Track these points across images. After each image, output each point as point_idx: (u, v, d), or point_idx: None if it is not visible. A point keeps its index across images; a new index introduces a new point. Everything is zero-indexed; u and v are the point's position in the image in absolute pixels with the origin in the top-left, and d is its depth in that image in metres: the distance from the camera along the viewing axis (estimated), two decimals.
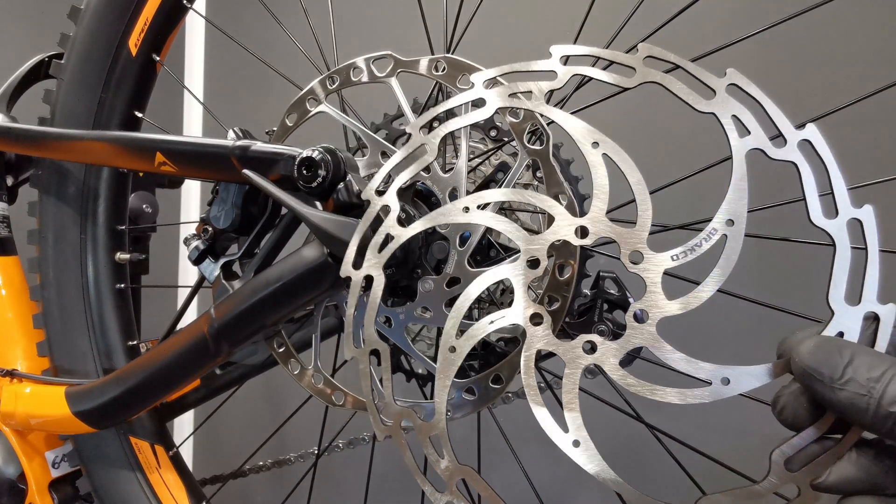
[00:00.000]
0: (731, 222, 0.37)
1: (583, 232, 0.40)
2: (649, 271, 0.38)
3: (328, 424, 0.75)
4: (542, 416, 0.40)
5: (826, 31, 1.04)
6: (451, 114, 0.46)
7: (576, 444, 0.39)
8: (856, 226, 0.35)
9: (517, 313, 0.41)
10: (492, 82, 0.44)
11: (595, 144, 0.40)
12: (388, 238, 0.44)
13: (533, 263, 0.41)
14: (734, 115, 0.38)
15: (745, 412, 1.08)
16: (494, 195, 0.43)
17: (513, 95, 0.43)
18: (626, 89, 0.41)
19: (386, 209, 0.45)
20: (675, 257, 0.37)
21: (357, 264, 0.45)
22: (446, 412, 0.49)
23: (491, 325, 0.41)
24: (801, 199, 0.36)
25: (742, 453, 1.09)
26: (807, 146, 0.36)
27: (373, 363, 0.45)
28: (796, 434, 0.35)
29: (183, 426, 1.87)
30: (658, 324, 0.38)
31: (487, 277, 0.42)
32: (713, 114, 0.38)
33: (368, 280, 0.44)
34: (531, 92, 0.42)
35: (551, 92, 0.42)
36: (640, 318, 0.38)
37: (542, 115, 0.43)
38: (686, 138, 1.05)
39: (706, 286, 0.37)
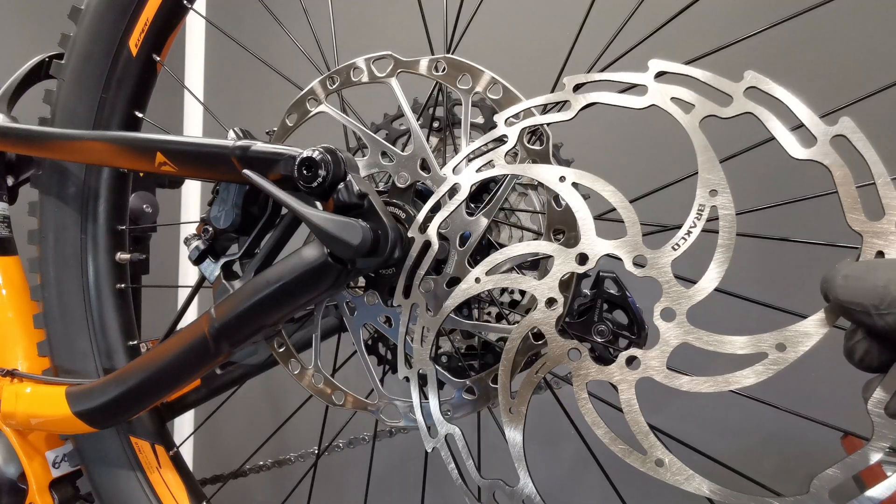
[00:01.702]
0: (714, 192, 0.37)
1: (582, 259, 0.42)
2: (658, 269, 0.38)
3: (328, 424, 0.75)
4: (619, 446, 0.39)
5: (824, 31, 1.04)
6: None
7: (659, 463, 0.38)
8: (842, 143, 0.34)
9: (556, 354, 0.42)
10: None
11: (561, 179, 0.42)
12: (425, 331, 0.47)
13: (550, 303, 0.43)
14: (672, 97, 0.39)
15: (745, 412, 1.08)
16: (497, 258, 0.45)
17: (480, 170, 0.46)
18: (569, 120, 0.43)
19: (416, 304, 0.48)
20: (675, 246, 0.38)
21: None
22: (446, 412, 0.49)
23: (537, 374, 0.43)
24: (799, 199, 0.36)
25: (742, 453, 1.09)
26: (755, 93, 0.36)
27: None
28: (883, 376, 0.31)
29: (183, 426, 1.87)
30: (688, 314, 0.37)
31: (519, 331, 0.44)
32: (653, 105, 0.39)
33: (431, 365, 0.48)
34: (492, 161, 0.46)
35: (518, 149, 0.46)
36: (669, 315, 0.38)
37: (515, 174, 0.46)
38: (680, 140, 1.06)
39: (715, 264, 0.36)
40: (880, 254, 0.32)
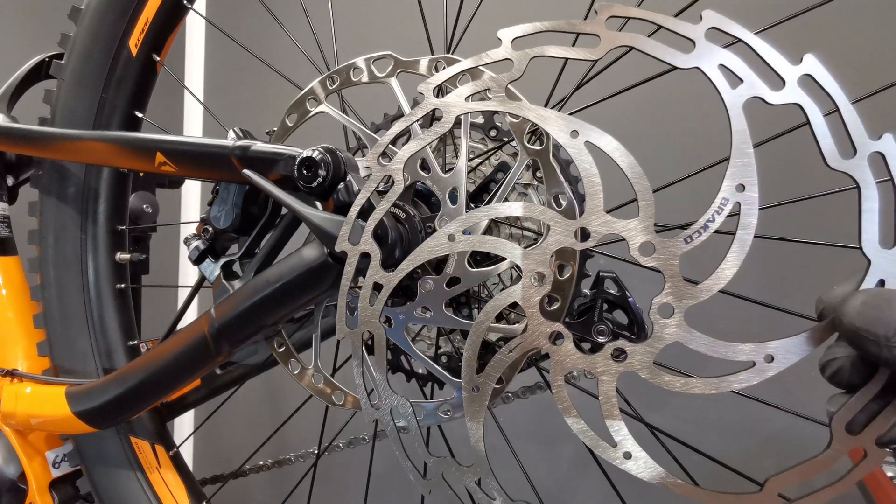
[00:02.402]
0: (741, 187, 0.33)
1: (583, 234, 0.38)
2: (665, 261, 0.35)
3: (328, 424, 0.75)
4: (587, 436, 0.38)
5: (824, 31, 1.04)
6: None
7: (627, 456, 0.37)
8: (877, 160, 0.32)
9: (535, 336, 0.39)
10: (440, 88, 0.41)
11: (574, 134, 0.37)
12: (378, 286, 0.43)
13: (539, 277, 0.39)
14: (721, 65, 0.34)
15: (745, 412, 1.08)
16: (479, 215, 0.41)
17: (470, 97, 0.39)
18: (595, 62, 0.37)
19: (366, 255, 0.44)
20: (688, 239, 0.35)
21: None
22: (446, 412, 0.49)
23: (511, 353, 0.40)
24: (804, 198, 0.35)
25: (742, 453, 1.09)
26: (809, 82, 0.33)
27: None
28: (851, 396, 0.32)
29: (183, 426, 1.87)
30: (686, 313, 0.35)
31: (493, 305, 0.40)
32: (697, 68, 0.34)
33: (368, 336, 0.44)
34: (489, 89, 0.39)
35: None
36: (667, 312, 0.35)
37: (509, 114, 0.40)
38: (693, 134, 1.05)
39: (728, 263, 0.34)
40: (881, 283, 0.32)
